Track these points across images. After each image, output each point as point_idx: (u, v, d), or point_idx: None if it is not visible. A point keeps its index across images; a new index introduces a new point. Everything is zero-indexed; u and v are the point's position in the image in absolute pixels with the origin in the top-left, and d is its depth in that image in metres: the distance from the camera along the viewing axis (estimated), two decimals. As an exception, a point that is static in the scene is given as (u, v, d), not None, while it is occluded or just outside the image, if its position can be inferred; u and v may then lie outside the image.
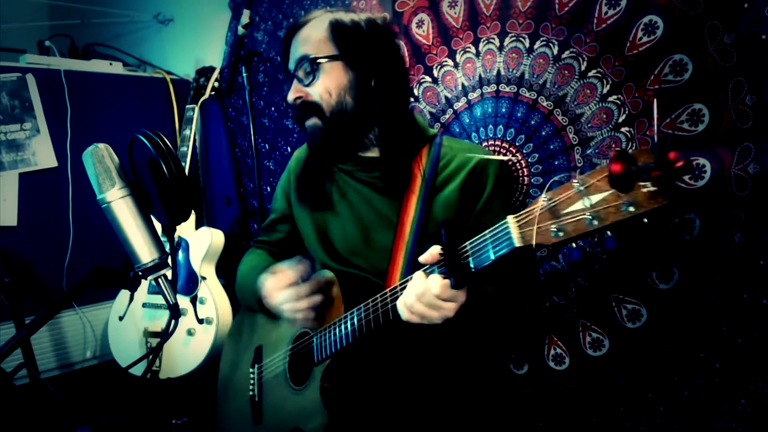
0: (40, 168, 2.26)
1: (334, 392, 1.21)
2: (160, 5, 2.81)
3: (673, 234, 1.30)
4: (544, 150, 1.50)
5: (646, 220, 0.71)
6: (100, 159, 0.93)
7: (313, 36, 1.21)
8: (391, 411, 1.23)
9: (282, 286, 1.25)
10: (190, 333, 2.12)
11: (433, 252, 0.99)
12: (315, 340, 1.27)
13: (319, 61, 1.19)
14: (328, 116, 1.21)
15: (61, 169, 2.30)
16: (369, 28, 1.22)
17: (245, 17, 2.26)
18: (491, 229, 0.90)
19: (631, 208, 0.70)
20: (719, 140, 1.22)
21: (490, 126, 1.59)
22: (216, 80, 2.45)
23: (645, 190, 0.69)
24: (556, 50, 1.45)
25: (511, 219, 0.85)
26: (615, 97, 1.37)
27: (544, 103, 1.48)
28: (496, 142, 1.58)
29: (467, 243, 0.95)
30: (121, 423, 2.09)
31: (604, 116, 1.39)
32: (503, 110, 1.56)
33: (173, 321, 0.97)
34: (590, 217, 0.73)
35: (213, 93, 2.48)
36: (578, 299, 1.48)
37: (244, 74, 2.21)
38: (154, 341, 2.16)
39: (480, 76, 1.61)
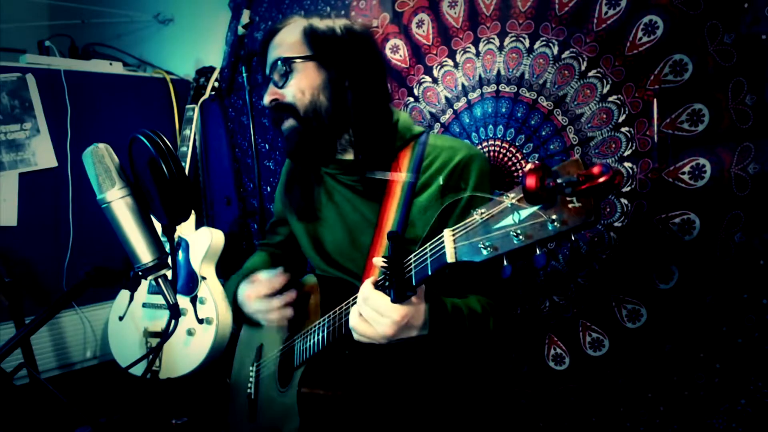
0: (40, 168, 2.26)
1: (309, 398, 1.20)
2: (160, 5, 2.81)
3: (673, 234, 1.30)
4: (544, 150, 1.50)
5: (573, 237, 0.67)
6: (100, 159, 0.93)
7: (287, 39, 1.21)
8: (365, 419, 1.21)
9: (256, 296, 1.27)
10: (190, 333, 2.12)
11: (378, 262, 0.97)
12: (297, 343, 1.28)
13: (292, 60, 1.18)
14: (302, 116, 1.19)
15: (61, 169, 2.30)
16: (344, 31, 1.21)
17: (245, 17, 2.26)
18: (432, 241, 0.88)
19: (556, 224, 0.66)
20: (719, 140, 1.22)
21: (490, 126, 1.59)
22: (216, 80, 2.45)
23: (571, 205, 0.65)
24: (556, 50, 1.45)
25: (447, 233, 0.83)
26: (615, 97, 1.37)
27: (544, 103, 1.48)
28: (496, 142, 1.58)
29: (412, 256, 0.93)
30: (121, 423, 2.09)
31: (604, 116, 1.39)
32: (503, 110, 1.56)
33: (173, 321, 0.97)
34: (515, 233, 0.70)
35: (213, 93, 2.48)
36: (578, 299, 1.48)
37: (244, 74, 2.21)
38: (154, 341, 2.16)
39: (480, 76, 1.61)
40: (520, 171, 1.54)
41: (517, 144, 1.55)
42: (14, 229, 2.21)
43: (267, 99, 1.22)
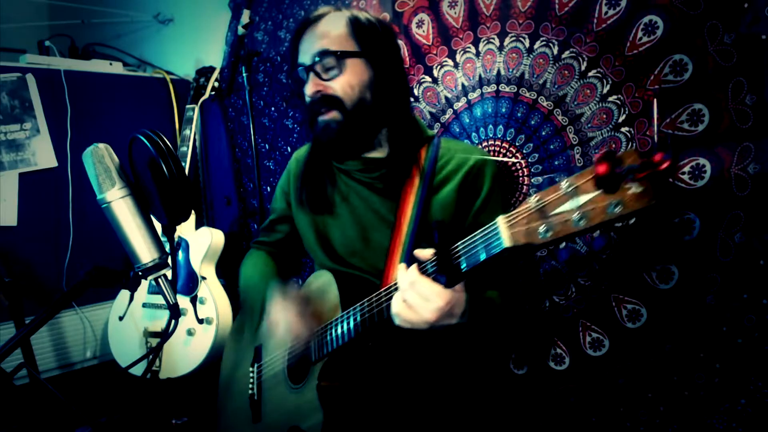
0: (40, 168, 2.26)
1: (331, 391, 1.21)
2: (160, 5, 2.81)
3: (673, 234, 1.30)
4: (544, 150, 1.50)
5: (633, 220, 0.73)
6: (100, 159, 0.93)
7: (333, 31, 1.22)
8: (388, 410, 1.23)
9: (284, 319, 1.27)
10: (190, 333, 2.12)
11: (426, 253, 1.00)
12: (313, 339, 1.27)
13: (343, 56, 1.20)
14: (349, 110, 1.21)
15: (61, 169, 2.30)
16: (382, 27, 1.26)
17: (245, 17, 2.26)
18: (482, 229, 0.90)
19: (618, 209, 0.71)
20: (719, 140, 1.22)
21: (490, 126, 1.59)
22: (216, 80, 2.45)
23: (631, 191, 0.70)
24: (556, 50, 1.45)
25: (501, 219, 0.86)
26: (615, 97, 1.37)
27: (544, 103, 1.48)
28: (496, 142, 1.58)
29: (459, 243, 0.95)
30: (121, 423, 2.09)
31: (604, 116, 1.39)
32: (503, 110, 1.56)
33: (173, 321, 0.97)
34: (577, 217, 0.74)
35: (213, 93, 2.48)
36: (578, 299, 1.48)
37: (244, 74, 2.21)
38: (154, 341, 2.16)
39: (480, 76, 1.61)
40: (520, 171, 1.54)
41: (517, 144, 1.55)
42: (14, 229, 2.21)
43: (311, 89, 1.22)
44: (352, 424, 1.21)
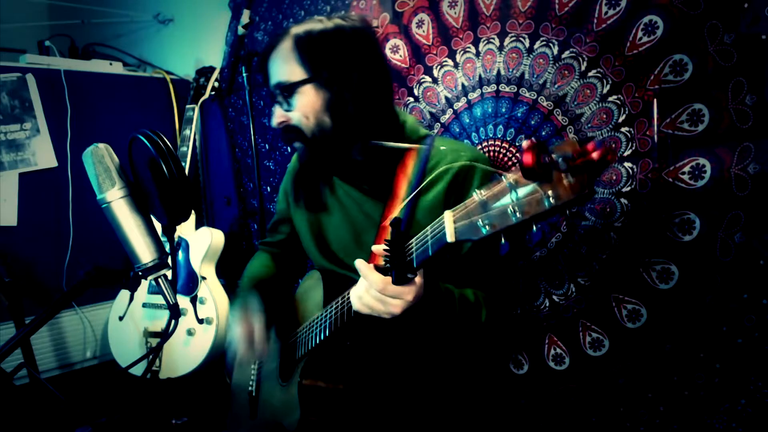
0: (40, 168, 2.26)
1: (310, 389, 1.22)
2: (160, 5, 2.81)
3: (673, 234, 1.30)
4: (544, 150, 1.50)
5: (568, 211, 0.72)
6: (100, 159, 0.93)
7: (280, 60, 1.19)
8: (366, 410, 1.23)
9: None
10: (190, 333, 2.12)
11: (379, 249, 1.00)
12: (299, 337, 1.29)
13: (292, 87, 1.17)
14: (309, 137, 1.20)
15: (61, 169, 2.30)
16: (336, 37, 1.18)
17: (245, 17, 2.26)
18: (432, 224, 0.90)
19: (552, 200, 0.69)
20: (719, 140, 1.22)
21: (490, 126, 1.59)
22: (216, 80, 2.45)
23: (565, 181, 0.68)
24: (556, 50, 1.45)
25: (447, 213, 0.86)
26: (615, 97, 1.37)
27: (544, 103, 1.48)
28: (496, 142, 1.58)
29: (413, 239, 0.95)
30: (121, 423, 2.09)
31: (604, 116, 1.39)
32: (503, 110, 1.56)
33: (173, 321, 0.97)
34: (512, 210, 0.74)
35: (213, 93, 2.49)
36: (578, 299, 1.48)
37: (244, 74, 2.21)
38: (154, 341, 2.16)
39: (480, 76, 1.61)
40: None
41: (517, 144, 1.55)
42: (14, 229, 2.21)
43: (275, 121, 1.22)
44: (328, 422, 1.22)
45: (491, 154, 1.59)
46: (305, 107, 1.18)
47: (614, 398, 1.44)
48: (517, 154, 1.54)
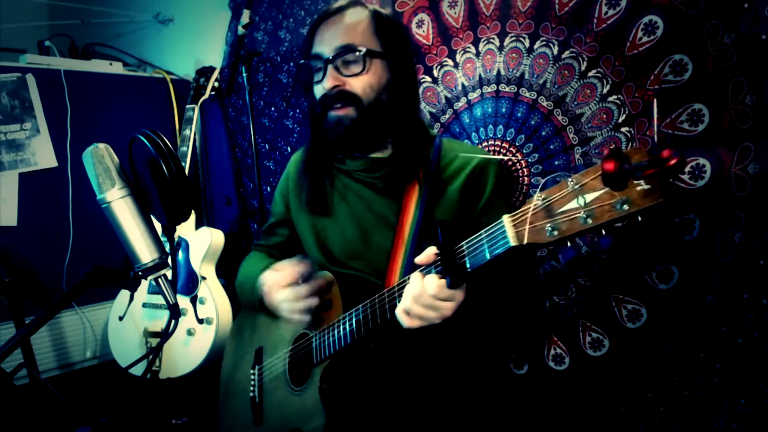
0: (40, 168, 2.26)
1: (333, 393, 1.21)
2: (160, 5, 2.81)
3: (673, 234, 1.30)
4: (544, 150, 1.50)
5: (640, 218, 0.72)
6: (100, 159, 0.93)
7: (358, 26, 1.20)
8: (390, 411, 1.23)
9: (282, 285, 1.25)
10: (190, 333, 2.12)
11: (429, 253, 0.99)
12: (314, 340, 1.27)
13: (368, 55, 1.18)
14: (366, 107, 1.20)
15: (61, 169, 2.30)
16: (401, 26, 1.26)
17: (245, 17, 2.26)
18: (487, 228, 0.90)
19: (625, 207, 0.70)
20: (719, 140, 1.22)
21: (490, 126, 1.59)
22: (216, 80, 2.45)
23: (639, 188, 0.69)
24: (556, 50, 1.45)
25: (506, 218, 0.86)
26: (615, 97, 1.37)
27: (544, 103, 1.48)
28: (496, 142, 1.58)
29: (464, 243, 0.95)
30: (121, 423, 2.09)
31: (604, 116, 1.39)
32: (503, 110, 1.56)
33: (173, 321, 0.97)
34: (584, 215, 0.74)
35: (213, 93, 2.48)
36: (578, 299, 1.48)
37: (244, 74, 2.21)
38: (154, 341, 2.16)
39: (480, 76, 1.61)
40: (520, 171, 1.54)
41: (517, 144, 1.55)
42: (14, 229, 2.21)
43: (329, 83, 1.19)
44: (354, 426, 1.21)
45: (492, 154, 1.59)
46: (371, 78, 1.20)
47: (614, 398, 1.44)
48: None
